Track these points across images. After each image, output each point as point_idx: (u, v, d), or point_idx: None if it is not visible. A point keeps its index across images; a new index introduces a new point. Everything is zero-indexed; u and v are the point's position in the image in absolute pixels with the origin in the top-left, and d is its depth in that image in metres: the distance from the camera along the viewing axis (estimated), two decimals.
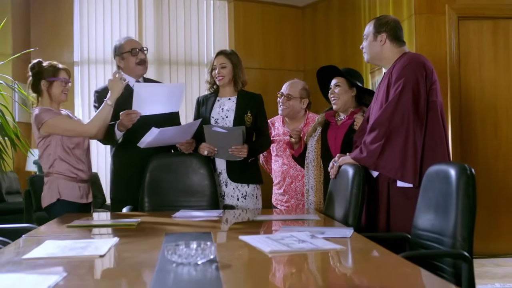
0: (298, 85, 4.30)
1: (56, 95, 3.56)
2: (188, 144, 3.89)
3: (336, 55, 7.42)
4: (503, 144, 5.89)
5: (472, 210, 2.22)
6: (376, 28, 3.31)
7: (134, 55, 3.93)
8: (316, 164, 3.79)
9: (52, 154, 3.51)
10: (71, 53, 7.22)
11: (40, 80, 3.53)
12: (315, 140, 3.84)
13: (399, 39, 3.31)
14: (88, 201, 3.65)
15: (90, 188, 3.72)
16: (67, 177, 3.53)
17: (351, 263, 2.00)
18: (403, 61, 3.17)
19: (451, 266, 2.20)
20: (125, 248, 2.20)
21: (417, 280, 1.68)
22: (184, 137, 3.84)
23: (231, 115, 3.98)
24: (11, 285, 1.49)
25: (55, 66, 3.58)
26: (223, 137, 3.82)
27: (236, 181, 3.95)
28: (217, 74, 3.99)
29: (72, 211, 3.45)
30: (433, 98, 3.12)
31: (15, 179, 6.79)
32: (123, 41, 4.02)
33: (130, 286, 1.62)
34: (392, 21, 3.33)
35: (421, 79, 3.09)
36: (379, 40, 3.29)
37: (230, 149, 3.81)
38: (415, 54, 3.34)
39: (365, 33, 3.40)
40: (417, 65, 3.13)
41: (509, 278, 4.90)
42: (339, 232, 2.43)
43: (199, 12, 7.74)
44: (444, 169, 2.39)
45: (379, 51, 3.31)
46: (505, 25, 5.88)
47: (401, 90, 3.07)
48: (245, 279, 1.74)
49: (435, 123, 3.10)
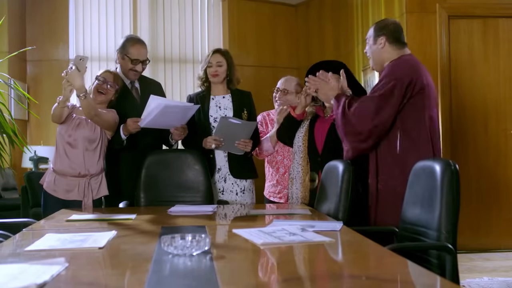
0: (293, 81, 4.40)
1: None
2: (182, 129, 3.94)
3: (329, 52, 7.48)
4: (493, 140, 5.98)
5: (456, 204, 2.28)
6: (376, 32, 3.39)
7: (133, 63, 4.00)
8: (303, 155, 3.85)
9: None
10: (67, 50, 7.25)
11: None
12: (303, 131, 3.91)
13: (399, 41, 3.38)
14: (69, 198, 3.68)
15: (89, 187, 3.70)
16: (53, 168, 3.69)
17: (340, 255, 2.08)
18: (393, 63, 3.26)
19: (436, 258, 2.27)
20: (123, 240, 2.27)
21: (403, 270, 1.74)
22: (180, 121, 3.89)
23: (230, 113, 4.06)
24: (17, 275, 1.55)
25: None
26: (236, 129, 3.90)
27: (237, 176, 4.05)
28: (213, 72, 4.05)
29: (47, 201, 3.63)
30: (421, 102, 3.20)
31: (11, 175, 6.83)
32: (133, 43, 4.05)
33: (129, 275, 1.69)
34: (391, 24, 3.40)
35: (402, 84, 3.18)
36: (379, 43, 3.37)
37: (238, 141, 3.90)
38: (408, 57, 3.38)
39: (367, 37, 3.47)
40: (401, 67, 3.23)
41: (498, 272, 4.99)
42: (329, 225, 2.50)
43: (194, 9, 7.77)
44: (429, 165, 2.46)
45: (379, 54, 3.39)
46: (494, 24, 5.96)
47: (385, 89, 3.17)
48: (238, 269, 1.81)
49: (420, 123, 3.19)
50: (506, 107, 5.99)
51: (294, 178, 3.87)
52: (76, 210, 3.44)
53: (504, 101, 5.99)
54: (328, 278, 1.70)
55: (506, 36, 5.98)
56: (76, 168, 3.66)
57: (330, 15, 7.59)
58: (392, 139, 3.24)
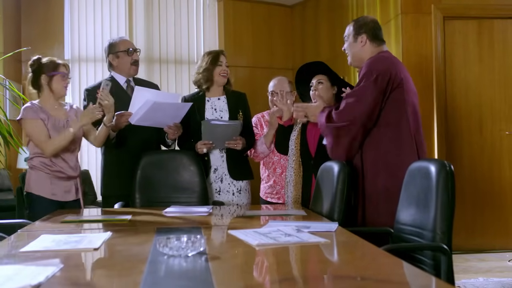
0: (284, 80, 4.43)
1: (58, 89, 3.62)
2: (176, 128, 3.94)
3: (324, 53, 7.49)
4: (488, 141, 6.00)
5: (451, 205, 2.28)
6: (356, 30, 3.39)
7: (129, 55, 4.00)
8: (296, 158, 3.87)
9: (32, 148, 3.63)
10: (62, 51, 7.22)
11: (40, 75, 3.59)
12: (296, 134, 3.92)
13: (378, 38, 3.41)
14: (67, 199, 3.67)
15: (78, 187, 3.73)
16: (41, 171, 3.60)
17: (335, 256, 2.08)
18: (370, 61, 3.28)
19: (431, 259, 2.27)
20: (118, 241, 2.27)
21: (398, 271, 1.74)
22: (173, 119, 3.89)
23: (225, 115, 4.07)
24: (12, 276, 1.55)
25: (54, 61, 3.64)
26: (222, 129, 3.90)
27: (235, 177, 4.05)
28: (224, 71, 4.06)
29: (41, 205, 3.54)
30: (400, 96, 3.21)
31: (6, 176, 6.82)
32: (118, 40, 4.07)
33: (124, 276, 1.69)
34: (370, 22, 3.42)
35: (382, 78, 3.19)
36: (360, 41, 3.38)
37: (227, 141, 3.91)
38: (382, 56, 3.38)
39: (345, 35, 3.48)
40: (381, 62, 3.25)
41: (493, 272, 5.00)
42: (324, 226, 2.51)
43: (189, 10, 7.76)
44: (425, 165, 2.47)
45: (359, 52, 3.40)
46: (489, 25, 5.98)
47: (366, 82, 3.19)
48: (233, 270, 1.81)
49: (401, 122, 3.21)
50: (501, 108, 6.01)
51: (288, 181, 3.89)
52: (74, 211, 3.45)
53: (499, 101, 6.01)
54: (323, 278, 1.70)
55: (501, 37, 6.01)
56: (70, 169, 3.65)
57: (326, 16, 7.60)
58: (375, 136, 3.25)
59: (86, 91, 4.00)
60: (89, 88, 4.05)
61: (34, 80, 3.64)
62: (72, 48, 7.32)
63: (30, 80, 3.65)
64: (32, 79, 3.64)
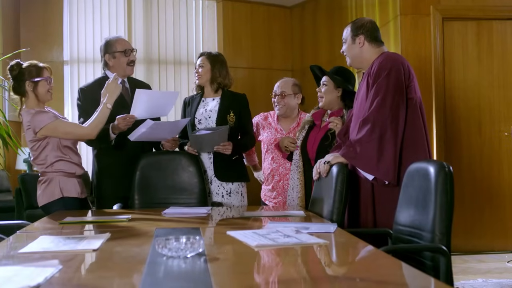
0: (289, 82, 4.40)
1: (43, 94, 3.52)
2: (173, 142, 4.01)
3: (323, 54, 7.49)
4: (486, 142, 6.00)
5: (450, 206, 2.29)
6: (354, 31, 3.38)
7: (127, 55, 3.99)
8: (300, 164, 3.89)
9: (49, 155, 3.51)
10: (61, 52, 7.24)
11: (24, 81, 3.47)
12: (301, 138, 3.95)
13: (376, 39, 3.39)
14: (84, 195, 3.70)
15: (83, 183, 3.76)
16: (67, 173, 3.56)
17: (334, 257, 2.08)
18: (381, 59, 3.25)
19: (430, 260, 2.28)
20: (117, 243, 2.27)
21: (397, 272, 1.74)
22: (171, 134, 3.93)
23: (213, 116, 4.05)
24: (10, 277, 1.55)
25: (37, 66, 3.52)
26: (208, 138, 3.90)
27: (221, 179, 4.03)
28: (195, 73, 4.13)
29: (74, 207, 3.52)
30: (411, 95, 3.19)
31: (5, 177, 6.82)
32: (114, 39, 4.05)
33: (123, 277, 1.69)
34: (368, 23, 3.40)
35: (400, 72, 3.16)
36: (358, 43, 3.36)
37: (216, 146, 3.90)
38: (392, 53, 3.40)
39: (343, 37, 3.46)
40: (395, 60, 3.22)
41: (492, 274, 5.00)
42: (323, 227, 2.51)
43: (188, 11, 7.76)
44: (423, 166, 2.47)
45: (358, 53, 3.38)
46: (488, 26, 5.99)
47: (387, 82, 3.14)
48: (232, 271, 1.81)
49: (415, 120, 3.18)
50: (499, 109, 6.01)
51: (293, 186, 3.92)
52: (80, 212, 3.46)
53: (498, 102, 6.01)
54: (322, 280, 1.70)
55: (499, 38, 6.01)
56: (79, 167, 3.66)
57: (325, 17, 7.60)
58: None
59: (81, 90, 3.99)
60: (84, 87, 4.03)
61: (17, 86, 3.51)
62: (71, 49, 7.32)
63: (11, 86, 3.52)
64: (14, 85, 3.51)
